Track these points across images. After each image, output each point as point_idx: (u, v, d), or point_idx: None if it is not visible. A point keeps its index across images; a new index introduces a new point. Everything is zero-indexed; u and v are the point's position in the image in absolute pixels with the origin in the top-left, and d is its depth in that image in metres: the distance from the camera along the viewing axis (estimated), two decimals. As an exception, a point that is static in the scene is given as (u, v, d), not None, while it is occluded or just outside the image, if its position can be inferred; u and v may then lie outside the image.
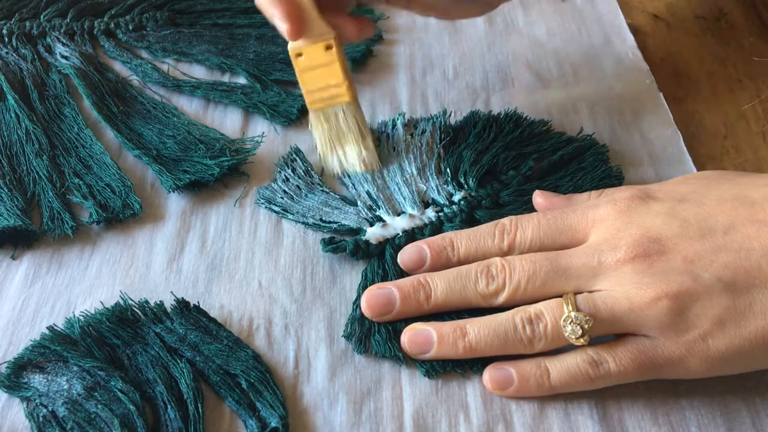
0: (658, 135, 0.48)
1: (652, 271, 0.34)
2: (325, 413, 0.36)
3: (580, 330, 0.34)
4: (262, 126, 0.50)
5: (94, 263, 0.42)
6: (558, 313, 0.35)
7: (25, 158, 0.47)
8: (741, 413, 0.35)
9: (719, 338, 0.33)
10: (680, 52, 0.55)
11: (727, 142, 0.49)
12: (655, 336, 0.34)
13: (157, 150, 0.47)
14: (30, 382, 0.37)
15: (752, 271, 0.33)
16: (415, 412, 0.36)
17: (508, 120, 0.48)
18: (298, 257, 0.42)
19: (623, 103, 0.51)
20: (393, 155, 0.47)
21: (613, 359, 0.34)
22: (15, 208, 0.43)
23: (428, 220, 0.43)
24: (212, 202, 0.46)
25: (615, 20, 0.57)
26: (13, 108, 0.50)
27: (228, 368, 0.37)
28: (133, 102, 0.51)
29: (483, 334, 0.36)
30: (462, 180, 0.45)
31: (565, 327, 0.34)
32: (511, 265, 0.37)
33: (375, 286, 0.39)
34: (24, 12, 0.57)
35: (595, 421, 0.35)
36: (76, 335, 0.38)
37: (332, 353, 0.38)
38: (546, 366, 0.35)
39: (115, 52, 0.55)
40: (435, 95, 0.52)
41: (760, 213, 0.34)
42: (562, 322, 0.35)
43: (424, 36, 0.57)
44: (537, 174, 0.45)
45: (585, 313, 0.34)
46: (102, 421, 0.35)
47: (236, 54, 0.55)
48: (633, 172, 0.46)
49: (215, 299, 0.41)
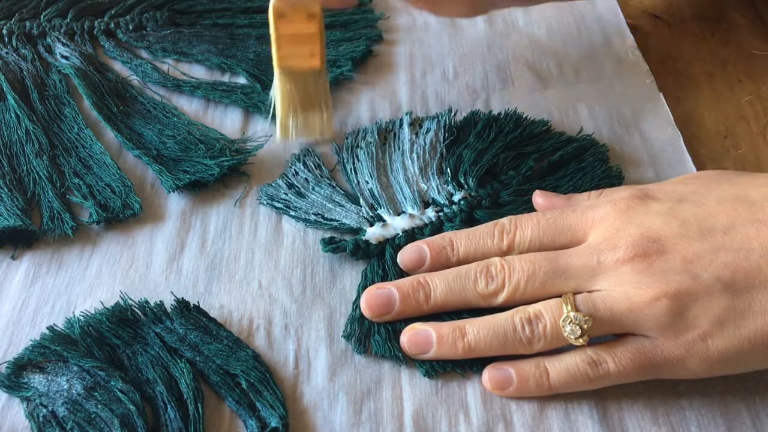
0: (658, 135, 0.48)
1: (652, 271, 0.34)
2: (325, 413, 0.36)
3: (579, 330, 0.34)
4: (262, 126, 0.50)
5: (94, 263, 0.42)
6: (557, 313, 0.35)
7: (25, 158, 0.47)
8: (741, 413, 0.36)
9: (718, 338, 0.33)
10: (680, 52, 0.55)
11: (727, 142, 0.49)
12: (654, 336, 0.34)
13: (157, 150, 0.47)
14: (30, 382, 0.37)
15: (752, 271, 0.33)
16: (415, 412, 0.36)
17: (508, 120, 0.48)
18: (298, 257, 0.42)
19: (623, 103, 0.51)
20: (398, 154, 0.47)
21: (613, 359, 0.34)
22: (15, 208, 0.43)
23: (428, 220, 0.43)
24: (212, 202, 0.46)
25: (615, 20, 0.57)
26: (13, 108, 0.50)
27: (228, 368, 0.37)
28: (133, 102, 0.51)
29: (482, 334, 0.36)
30: (462, 180, 0.45)
31: (565, 327, 0.35)
32: (511, 265, 0.37)
33: (374, 287, 0.39)
34: (24, 12, 0.57)
35: (595, 421, 0.35)
36: (76, 335, 0.38)
37: (332, 353, 0.38)
38: (545, 366, 0.35)
39: (115, 52, 0.55)
40: (435, 95, 0.52)
41: (760, 213, 0.34)
42: (561, 322, 0.35)
43: (424, 36, 0.57)
44: (537, 174, 0.45)
45: (584, 313, 0.34)
46: (102, 421, 0.35)
47: (236, 54, 0.55)
48: (633, 172, 0.46)
49: (215, 299, 0.41)
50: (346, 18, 0.57)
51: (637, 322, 0.34)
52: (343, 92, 0.52)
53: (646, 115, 0.50)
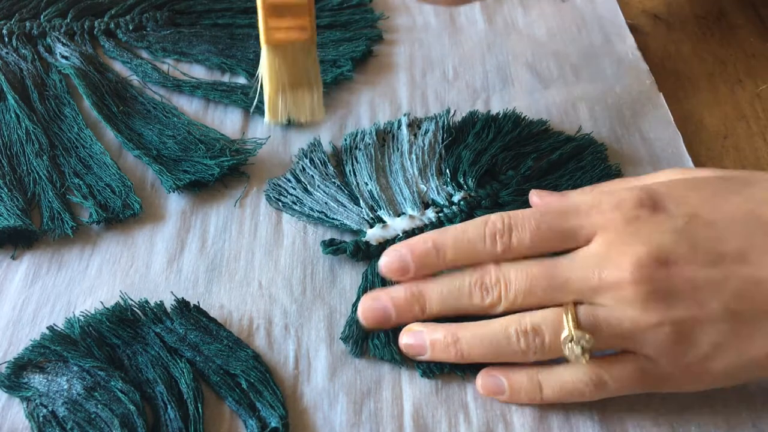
0: (658, 135, 0.48)
1: (657, 296, 0.32)
2: (325, 413, 0.36)
3: (579, 349, 0.33)
4: (262, 126, 0.50)
5: (94, 263, 0.42)
6: (558, 328, 0.33)
7: (25, 158, 0.47)
8: (741, 413, 0.35)
9: (719, 361, 0.33)
10: (680, 52, 0.55)
11: (727, 142, 0.49)
12: (655, 357, 0.33)
13: (157, 150, 0.47)
14: (30, 382, 0.37)
15: (760, 301, 0.32)
16: (415, 412, 0.36)
17: (507, 120, 0.48)
18: (298, 257, 0.42)
19: (623, 103, 0.51)
20: (397, 155, 0.47)
21: (611, 377, 0.34)
22: (15, 208, 0.43)
23: (428, 220, 0.43)
24: (212, 202, 0.46)
25: (615, 20, 0.57)
26: (13, 108, 0.50)
27: (228, 368, 0.37)
28: (133, 102, 0.51)
29: (474, 343, 0.35)
30: (461, 180, 0.45)
31: (564, 345, 0.33)
32: (506, 278, 0.35)
33: (369, 297, 0.37)
34: (24, 12, 0.57)
35: (594, 422, 0.35)
36: (76, 335, 0.38)
37: (332, 353, 0.38)
38: (539, 380, 0.35)
39: (115, 52, 0.55)
40: (435, 95, 0.52)
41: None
42: (561, 340, 0.33)
43: (424, 36, 0.57)
44: (536, 173, 0.45)
45: (586, 329, 0.33)
46: (102, 421, 0.35)
47: (236, 54, 0.55)
48: (633, 171, 0.46)
49: (215, 299, 0.41)
50: (346, 18, 0.57)
51: (639, 343, 0.33)
52: (343, 92, 0.52)
53: (646, 115, 0.50)
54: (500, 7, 0.59)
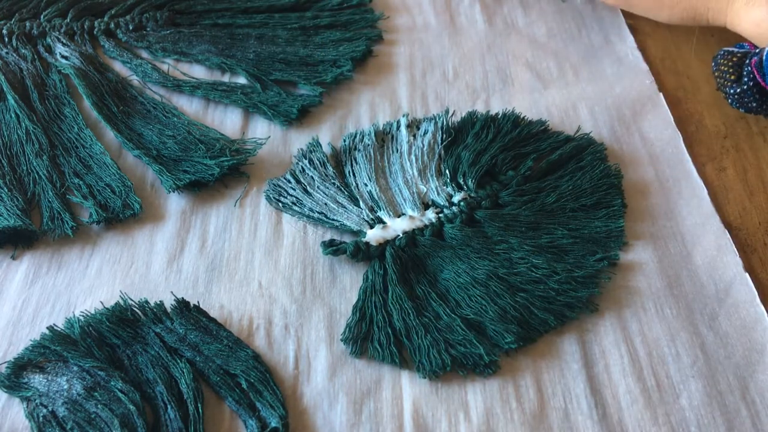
0: (658, 135, 0.48)
1: None
2: (325, 413, 0.36)
3: None
4: (262, 126, 0.50)
5: (94, 263, 0.42)
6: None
7: (25, 158, 0.47)
8: (741, 413, 0.36)
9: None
10: (680, 52, 0.55)
11: (727, 142, 0.49)
12: None
13: (157, 150, 0.47)
14: (30, 382, 0.37)
15: None
16: (415, 412, 0.36)
17: (506, 120, 0.48)
18: (298, 257, 0.42)
19: (623, 103, 0.51)
20: (396, 156, 0.47)
21: None
22: (15, 208, 0.43)
23: (428, 221, 0.43)
24: (212, 202, 0.46)
25: (615, 20, 0.57)
26: (13, 108, 0.50)
27: (228, 368, 0.37)
28: (133, 102, 0.51)
29: None
30: (461, 181, 0.45)
31: None
32: None
33: None
34: (24, 12, 0.57)
35: (594, 422, 0.35)
36: (76, 335, 0.38)
37: (332, 353, 0.38)
38: None
39: (115, 52, 0.55)
40: (435, 95, 0.52)
41: None
42: None
43: (424, 36, 0.57)
44: (536, 174, 0.45)
45: None
46: (102, 421, 0.35)
47: (236, 54, 0.55)
48: (633, 171, 0.46)
49: (215, 299, 0.41)
50: (346, 18, 0.57)
51: None
52: (343, 92, 0.52)
53: (646, 115, 0.50)
54: (500, 7, 0.59)
